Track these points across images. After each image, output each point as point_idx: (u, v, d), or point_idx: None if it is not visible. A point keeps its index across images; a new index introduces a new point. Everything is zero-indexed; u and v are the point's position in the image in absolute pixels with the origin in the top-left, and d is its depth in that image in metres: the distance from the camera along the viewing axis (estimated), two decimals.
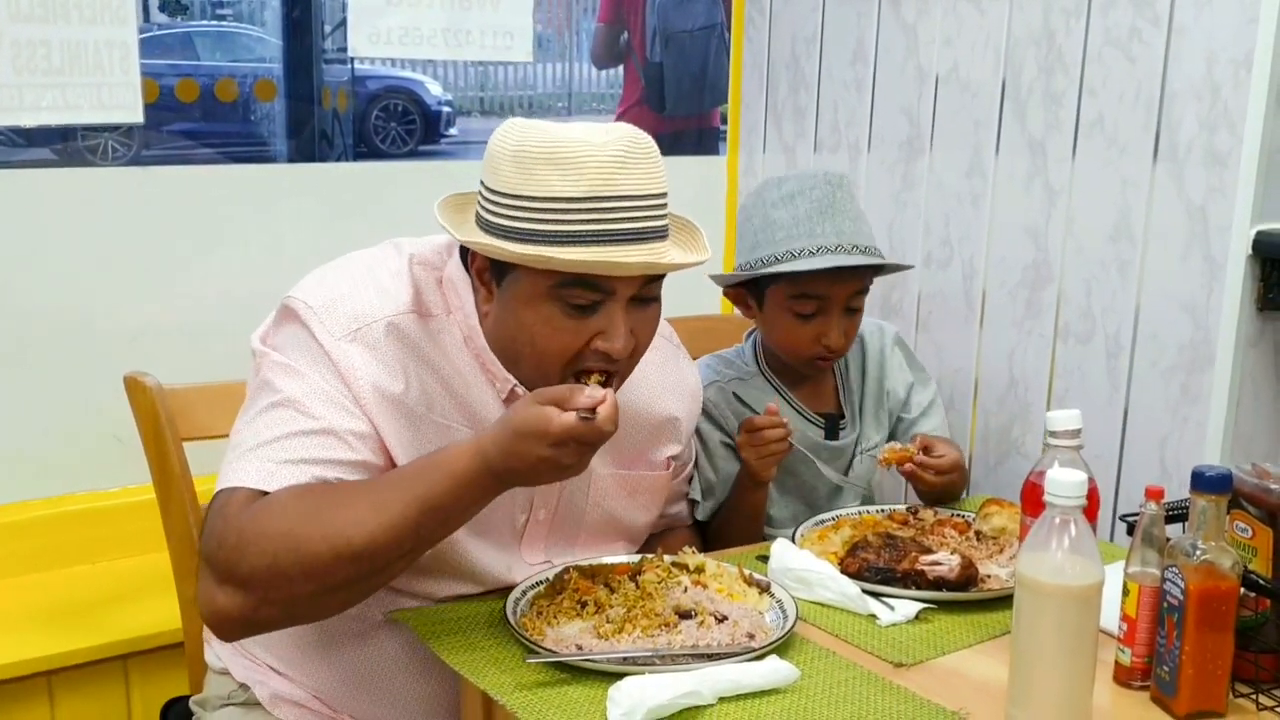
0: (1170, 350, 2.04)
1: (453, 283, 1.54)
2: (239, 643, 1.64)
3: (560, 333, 1.43)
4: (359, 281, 1.51)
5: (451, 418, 1.51)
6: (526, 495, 1.58)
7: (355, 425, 1.44)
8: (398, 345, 1.48)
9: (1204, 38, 1.95)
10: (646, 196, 1.41)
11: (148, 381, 1.79)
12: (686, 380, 1.78)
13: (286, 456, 1.40)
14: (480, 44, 2.51)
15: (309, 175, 2.42)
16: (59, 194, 2.17)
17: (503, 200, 1.41)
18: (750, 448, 1.83)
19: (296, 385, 1.44)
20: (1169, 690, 1.31)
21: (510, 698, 1.31)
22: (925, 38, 2.42)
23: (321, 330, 1.46)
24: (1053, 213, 2.21)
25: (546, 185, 1.38)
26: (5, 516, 2.18)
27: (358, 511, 1.33)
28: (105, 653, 2.05)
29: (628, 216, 1.39)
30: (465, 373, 1.53)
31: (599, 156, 1.38)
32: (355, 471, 1.42)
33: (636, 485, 1.70)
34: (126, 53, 2.15)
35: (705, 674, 1.31)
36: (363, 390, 1.45)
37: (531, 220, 1.39)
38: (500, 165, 1.42)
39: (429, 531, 1.37)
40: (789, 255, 1.83)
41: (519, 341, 1.46)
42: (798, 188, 1.88)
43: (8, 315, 2.15)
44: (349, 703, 1.59)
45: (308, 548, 1.32)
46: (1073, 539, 1.22)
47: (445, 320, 1.53)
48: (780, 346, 1.94)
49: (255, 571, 1.34)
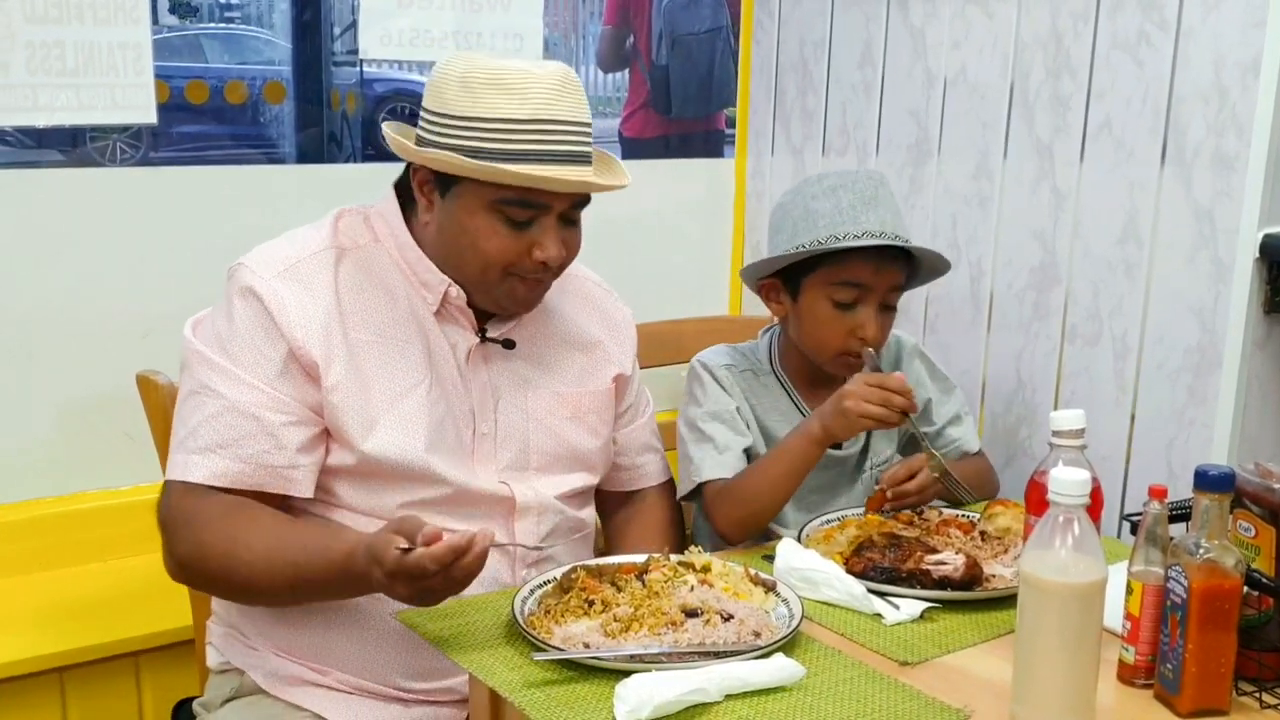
0: (1177, 352, 2.04)
1: (381, 215, 1.69)
2: (233, 627, 1.71)
3: (501, 239, 1.59)
4: (283, 238, 1.69)
5: (390, 333, 1.64)
6: (468, 409, 1.68)
7: (257, 393, 1.56)
8: (326, 275, 1.63)
9: (1212, 41, 1.95)
10: (579, 123, 1.59)
11: (159, 379, 1.81)
12: (611, 313, 1.89)
13: (200, 444, 1.56)
14: (490, 46, 2.52)
15: (318, 176, 2.43)
16: (72, 194, 2.18)
17: (449, 121, 1.57)
18: (861, 397, 1.72)
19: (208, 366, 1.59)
20: (1172, 688, 1.31)
21: (518, 695, 1.32)
22: (933, 41, 2.43)
23: (251, 275, 1.60)
24: (1060, 215, 2.22)
25: (494, 107, 1.54)
26: (17, 513, 2.19)
27: (253, 550, 1.53)
28: (116, 650, 2.05)
29: (564, 139, 1.57)
30: (396, 289, 1.66)
31: (540, 84, 1.55)
32: (259, 441, 1.56)
33: (579, 405, 1.78)
34: (140, 54, 2.16)
35: (712, 671, 1.32)
36: (291, 321, 1.57)
37: (480, 139, 1.54)
38: (446, 90, 1.57)
39: (304, 592, 1.56)
40: (833, 239, 1.82)
41: (462, 247, 1.61)
42: (839, 181, 1.87)
43: (22, 313, 2.16)
44: (337, 659, 1.64)
45: (209, 562, 1.55)
46: (1076, 537, 1.23)
47: (373, 247, 1.68)
48: (813, 339, 1.90)
49: (181, 557, 1.58)
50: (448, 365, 1.67)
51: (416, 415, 1.62)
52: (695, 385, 1.94)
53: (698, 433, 1.89)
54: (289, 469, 1.57)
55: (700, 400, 1.92)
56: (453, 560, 1.35)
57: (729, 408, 1.91)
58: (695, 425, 1.90)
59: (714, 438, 1.88)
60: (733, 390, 1.93)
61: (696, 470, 1.87)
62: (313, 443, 1.59)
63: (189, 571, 1.60)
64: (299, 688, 1.65)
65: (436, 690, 1.66)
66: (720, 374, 1.93)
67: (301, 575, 1.51)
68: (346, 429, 1.58)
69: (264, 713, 1.65)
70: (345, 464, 1.60)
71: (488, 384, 1.70)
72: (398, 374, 1.62)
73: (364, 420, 1.59)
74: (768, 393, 1.96)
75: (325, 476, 1.61)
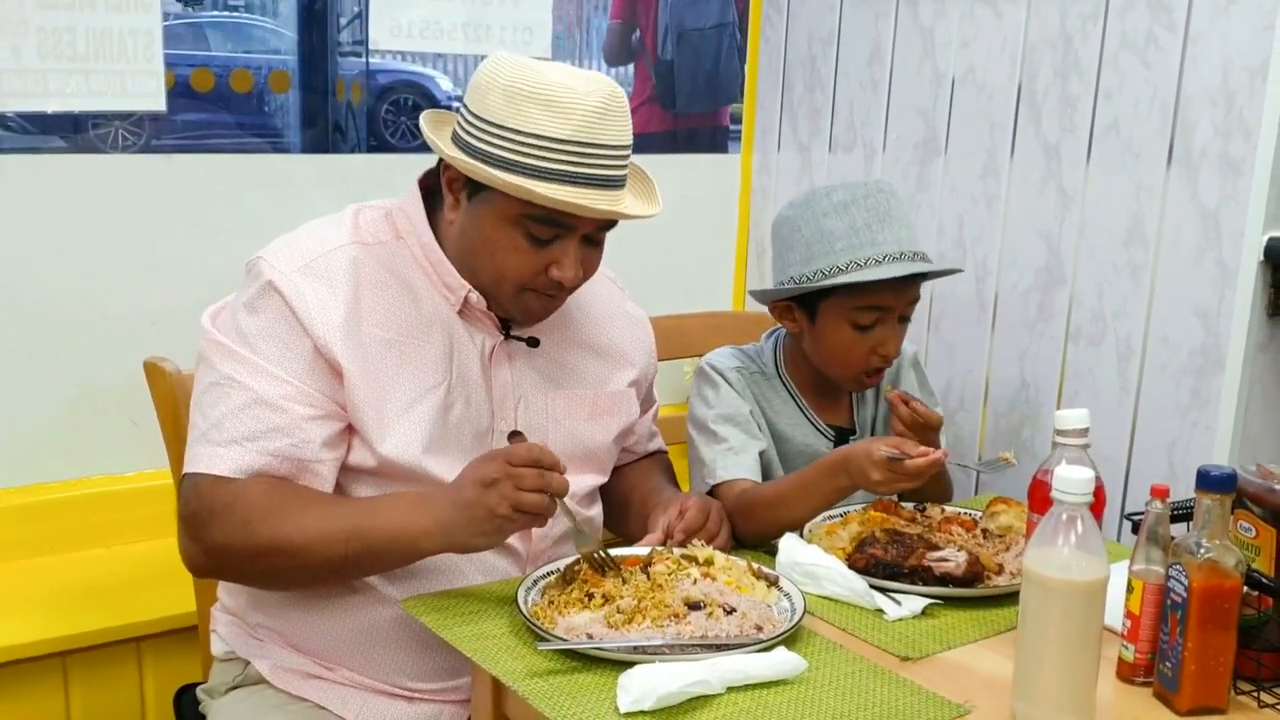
0: (1181, 354, 2.05)
1: (404, 212, 1.67)
2: (240, 618, 1.71)
3: (520, 255, 1.57)
4: (303, 232, 1.67)
5: (411, 332, 1.62)
6: (488, 409, 1.67)
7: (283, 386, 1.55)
8: (347, 272, 1.61)
9: (1220, 44, 1.96)
10: (618, 147, 1.56)
11: (167, 366, 1.81)
12: (630, 312, 1.89)
13: (226, 437, 1.54)
14: (500, 39, 2.53)
15: (323, 166, 2.43)
16: (78, 180, 2.19)
17: (488, 128, 1.54)
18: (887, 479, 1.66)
19: (231, 358, 1.57)
20: (1171, 686, 1.32)
21: (522, 684, 1.33)
22: (942, 40, 2.44)
23: (272, 270, 1.58)
24: (1066, 216, 2.22)
25: (534, 123, 1.51)
26: (23, 498, 2.20)
27: (306, 517, 1.51)
28: (119, 635, 2.07)
29: (601, 163, 1.54)
30: (418, 288, 1.64)
31: (584, 105, 1.52)
32: (287, 434, 1.54)
33: (596, 406, 1.78)
34: (150, 41, 2.17)
35: (714, 663, 1.33)
36: (313, 318, 1.56)
37: (515, 152, 1.52)
38: (489, 95, 1.54)
39: (360, 555, 1.52)
40: (854, 265, 1.79)
41: (480, 254, 1.60)
42: (849, 197, 1.84)
43: (29, 300, 2.17)
44: (345, 657, 1.64)
45: (258, 538, 1.51)
46: (1079, 535, 1.24)
47: (395, 245, 1.66)
48: (834, 361, 1.88)
49: (215, 545, 1.54)
50: (470, 363, 1.65)
51: (430, 418, 1.60)
52: (706, 387, 1.94)
53: (709, 434, 1.89)
54: (315, 463, 1.56)
55: (711, 402, 1.91)
56: (552, 466, 1.45)
57: (743, 411, 1.90)
58: (706, 426, 1.89)
59: (727, 439, 1.87)
60: (745, 394, 1.92)
61: (711, 471, 1.86)
62: (337, 439, 1.58)
63: (223, 559, 1.55)
64: (304, 681, 1.65)
65: (443, 690, 1.66)
66: (732, 377, 1.92)
67: (362, 525, 1.50)
68: (364, 429, 1.58)
69: (267, 702, 1.65)
70: (364, 464, 1.59)
71: (510, 382, 1.69)
72: (416, 374, 1.61)
73: (379, 421, 1.58)
74: (777, 396, 1.96)
75: (343, 475, 1.60)
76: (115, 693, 2.10)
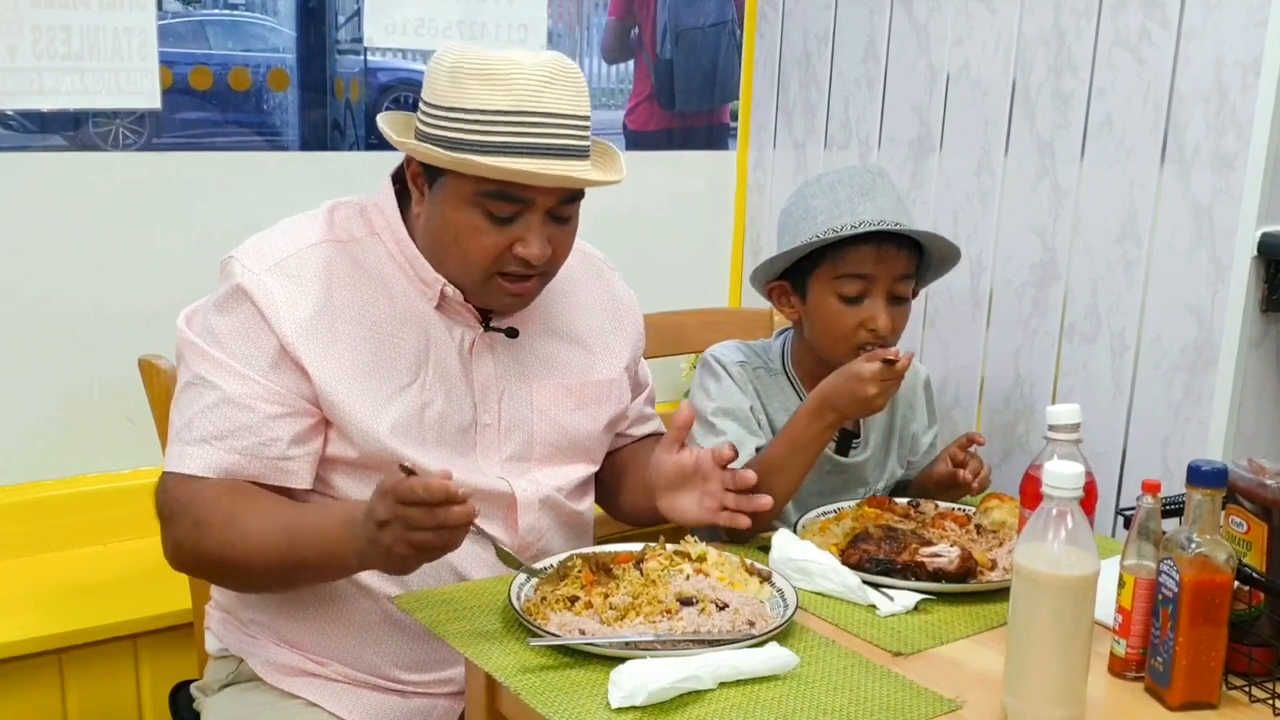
0: (1174, 350, 2.05)
1: (378, 207, 1.67)
2: (232, 614, 1.72)
3: (482, 236, 1.56)
4: (277, 230, 1.66)
5: (385, 328, 1.62)
6: (469, 403, 1.67)
7: (250, 384, 1.55)
8: (319, 270, 1.61)
9: (1213, 41, 1.96)
10: (568, 115, 1.54)
11: (162, 364, 1.82)
12: (616, 294, 1.87)
13: (196, 436, 1.55)
14: (495, 37, 2.53)
15: (321, 164, 2.44)
16: (76, 178, 2.19)
17: (437, 112, 1.55)
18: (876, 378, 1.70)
19: (202, 358, 1.57)
20: (1163, 681, 1.33)
21: (514, 680, 1.33)
22: (936, 37, 2.44)
23: (243, 272, 1.58)
24: (1060, 212, 2.22)
25: (476, 98, 1.51)
26: (19, 496, 2.21)
27: (249, 525, 1.51)
28: (115, 632, 2.07)
29: (549, 133, 1.52)
30: (392, 284, 1.64)
31: (526, 75, 1.52)
32: (253, 433, 1.55)
33: (583, 396, 1.77)
34: (145, 39, 2.17)
35: (706, 659, 1.33)
36: (280, 316, 1.56)
37: (461, 130, 1.52)
38: (437, 80, 1.56)
39: (297, 566, 1.51)
40: (831, 232, 1.80)
41: (445, 241, 1.59)
42: (837, 178, 1.86)
43: (25, 297, 2.17)
44: (337, 651, 1.65)
45: (206, 542, 1.53)
46: (1069, 530, 1.24)
47: (370, 240, 1.66)
48: (826, 337, 1.87)
49: (177, 542, 1.56)
50: (449, 357, 1.65)
51: (409, 413, 1.61)
52: (708, 379, 1.94)
53: (707, 425, 1.89)
54: (283, 460, 1.56)
55: (712, 394, 1.92)
56: (444, 501, 1.32)
57: (743, 406, 1.90)
58: (705, 418, 1.89)
59: (725, 433, 1.87)
60: (746, 388, 1.92)
61: None
62: (308, 434, 1.58)
63: (185, 558, 1.58)
64: (297, 677, 1.66)
65: (434, 682, 1.67)
66: (734, 370, 1.92)
67: (296, 542, 1.49)
68: (341, 424, 1.58)
69: (261, 699, 1.66)
70: (343, 455, 1.60)
71: (492, 375, 1.69)
72: (392, 370, 1.61)
73: (355, 415, 1.58)
74: (779, 391, 1.96)
75: (323, 467, 1.61)
76: (111, 690, 2.11)
